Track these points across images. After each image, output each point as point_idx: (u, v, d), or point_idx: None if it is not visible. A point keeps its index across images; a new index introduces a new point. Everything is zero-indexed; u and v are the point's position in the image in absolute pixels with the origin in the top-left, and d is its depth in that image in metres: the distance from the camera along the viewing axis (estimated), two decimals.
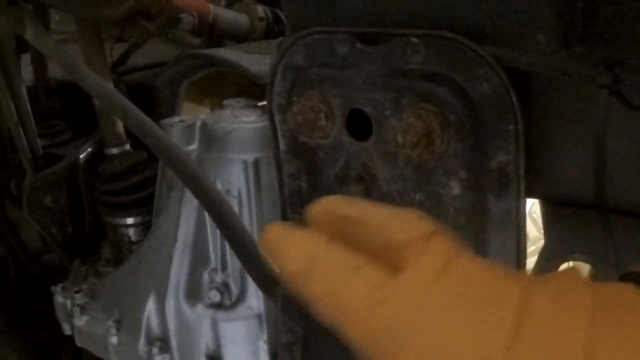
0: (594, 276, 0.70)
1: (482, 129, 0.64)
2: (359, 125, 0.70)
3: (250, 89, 1.38)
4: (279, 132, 0.79)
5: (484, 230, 0.68)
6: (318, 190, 0.76)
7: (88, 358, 1.73)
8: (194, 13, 1.65)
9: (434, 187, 0.67)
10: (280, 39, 0.79)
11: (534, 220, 1.60)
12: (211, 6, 1.75)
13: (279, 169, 0.81)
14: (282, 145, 0.79)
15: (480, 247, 0.68)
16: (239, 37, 1.84)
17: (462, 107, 0.64)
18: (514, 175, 0.65)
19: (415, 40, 0.66)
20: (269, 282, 0.91)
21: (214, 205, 0.98)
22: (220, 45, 1.78)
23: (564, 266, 0.72)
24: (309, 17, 0.74)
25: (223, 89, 1.58)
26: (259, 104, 1.25)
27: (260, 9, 1.89)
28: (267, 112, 0.80)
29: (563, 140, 0.66)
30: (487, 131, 0.64)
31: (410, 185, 0.68)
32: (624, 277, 0.66)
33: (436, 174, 0.66)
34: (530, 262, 0.72)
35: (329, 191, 0.74)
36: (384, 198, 0.70)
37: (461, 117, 0.64)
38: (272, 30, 1.89)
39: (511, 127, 0.63)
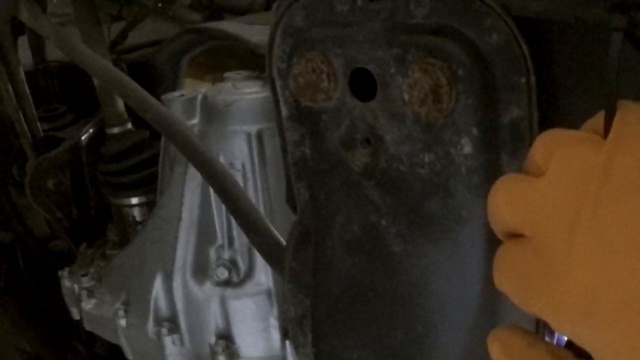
0: None
1: (492, 83, 0.61)
2: (363, 85, 0.67)
3: (253, 62, 1.36)
4: (281, 99, 0.77)
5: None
6: (323, 156, 0.73)
7: (100, 342, 1.73)
8: None
9: (444, 146, 0.64)
10: (277, 1, 0.77)
11: None
12: None
13: (282, 136, 0.78)
14: (284, 112, 0.77)
15: None
16: (239, 11, 1.81)
17: (471, 61, 0.61)
18: (527, 131, 0.62)
19: None
20: (275, 255, 0.89)
21: (216, 178, 0.96)
22: (220, 20, 1.75)
23: None
24: None
25: (225, 64, 1.55)
26: (262, 75, 1.23)
27: None
28: (268, 78, 0.77)
29: (578, 93, 0.63)
30: (497, 85, 0.61)
31: (419, 146, 0.65)
32: None
33: (446, 133, 0.63)
34: None
35: (335, 156, 0.72)
36: (392, 160, 0.67)
37: (470, 71, 0.61)
38: (273, 2, 1.85)
39: (523, 80, 0.60)
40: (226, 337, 1.21)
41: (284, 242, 0.86)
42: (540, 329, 0.66)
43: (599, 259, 0.43)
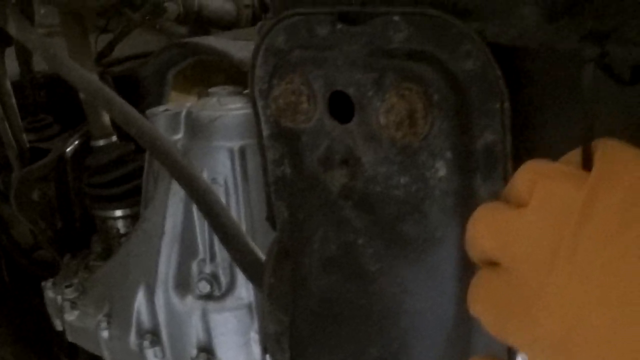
0: None
1: (467, 108, 0.62)
2: (341, 107, 0.68)
3: (239, 77, 1.36)
4: (262, 118, 0.78)
5: (472, 213, 0.66)
6: (302, 175, 0.74)
7: (84, 353, 1.72)
8: (179, 1, 1.63)
9: (419, 169, 0.65)
10: (260, 22, 0.78)
11: None
12: None
13: (263, 155, 0.79)
14: (265, 131, 0.78)
15: None
16: (226, 25, 1.82)
17: (446, 86, 0.62)
18: (501, 155, 0.63)
19: (396, 18, 0.64)
20: (255, 271, 0.89)
21: (199, 193, 0.96)
22: (206, 33, 1.76)
23: None
24: None
25: (211, 78, 1.56)
26: (246, 91, 1.24)
27: None
28: (250, 97, 0.78)
29: (552, 118, 0.64)
30: (472, 110, 0.62)
31: (395, 168, 0.66)
32: None
33: (421, 156, 0.65)
34: None
35: (313, 176, 0.73)
36: (369, 182, 0.68)
37: (445, 95, 0.62)
38: (259, 18, 1.86)
39: (497, 105, 0.61)
40: (207, 350, 1.22)
41: (265, 258, 0.86)
42: (512, 353, 0.67)
43: (577, 293, 0.44)
